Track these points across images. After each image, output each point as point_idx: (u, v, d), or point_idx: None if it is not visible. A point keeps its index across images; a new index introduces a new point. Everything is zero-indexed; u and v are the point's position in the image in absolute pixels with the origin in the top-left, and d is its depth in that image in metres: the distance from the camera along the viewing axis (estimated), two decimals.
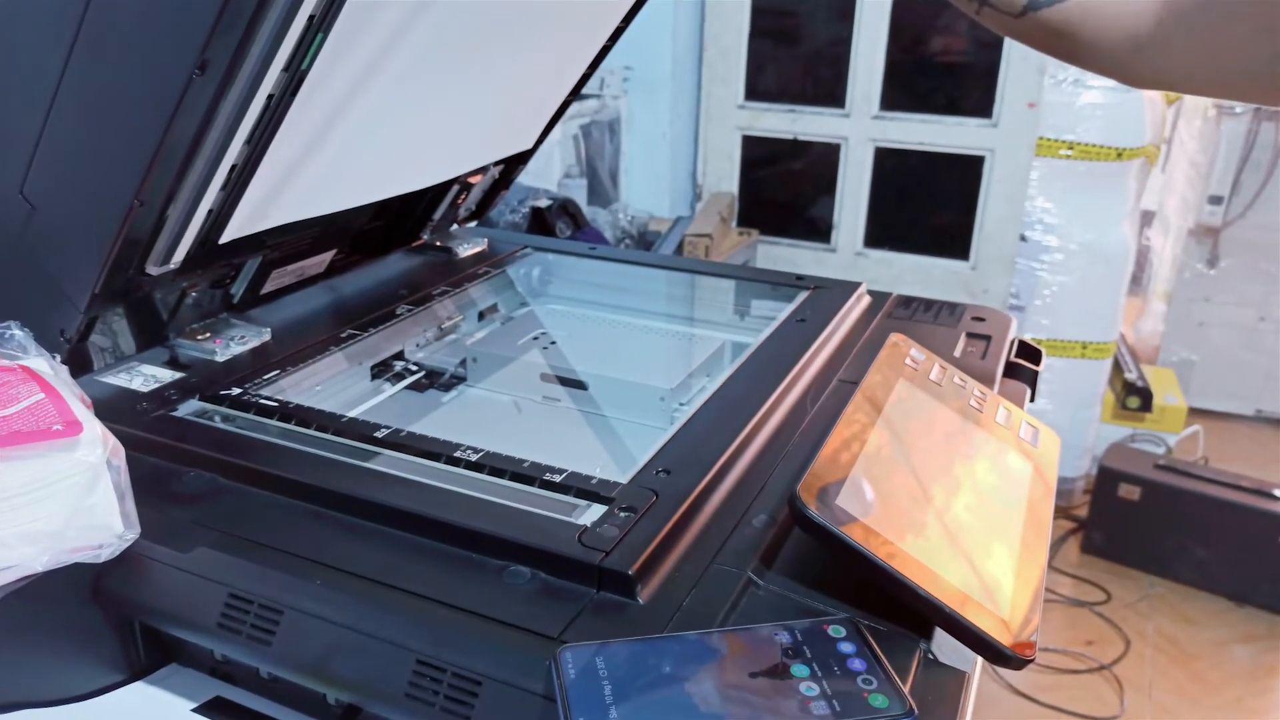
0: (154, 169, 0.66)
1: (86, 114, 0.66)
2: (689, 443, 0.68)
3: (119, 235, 0.68)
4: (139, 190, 0.66)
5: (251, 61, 0.64)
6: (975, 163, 2.58)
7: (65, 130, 0.67)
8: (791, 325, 0.91)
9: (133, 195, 0.66)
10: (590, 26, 0.99)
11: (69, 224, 0.70)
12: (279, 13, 0.62)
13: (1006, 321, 0.97)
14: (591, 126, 2.52)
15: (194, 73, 0.61)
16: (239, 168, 0.72)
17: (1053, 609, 2.43)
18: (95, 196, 0.68)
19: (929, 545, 0.56)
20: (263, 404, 0.74)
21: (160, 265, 0.75)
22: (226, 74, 0.63)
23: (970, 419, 0.72)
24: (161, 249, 0.74)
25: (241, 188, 0.73)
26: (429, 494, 0.62)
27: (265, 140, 0.70)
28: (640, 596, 0.54)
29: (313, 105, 0.71)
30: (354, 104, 0.76)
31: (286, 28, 0.63)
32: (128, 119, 0.65)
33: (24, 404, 0.58)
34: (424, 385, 0.93)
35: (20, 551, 0.54)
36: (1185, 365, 3.30)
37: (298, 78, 0.68)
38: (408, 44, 0.75)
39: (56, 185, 0.69)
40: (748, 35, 2.71)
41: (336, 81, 0.72)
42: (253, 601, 0.55)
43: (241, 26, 0.61)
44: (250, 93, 0.66)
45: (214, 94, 0.64)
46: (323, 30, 0.66)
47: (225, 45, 0.61)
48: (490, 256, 1.14)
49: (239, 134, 0.69)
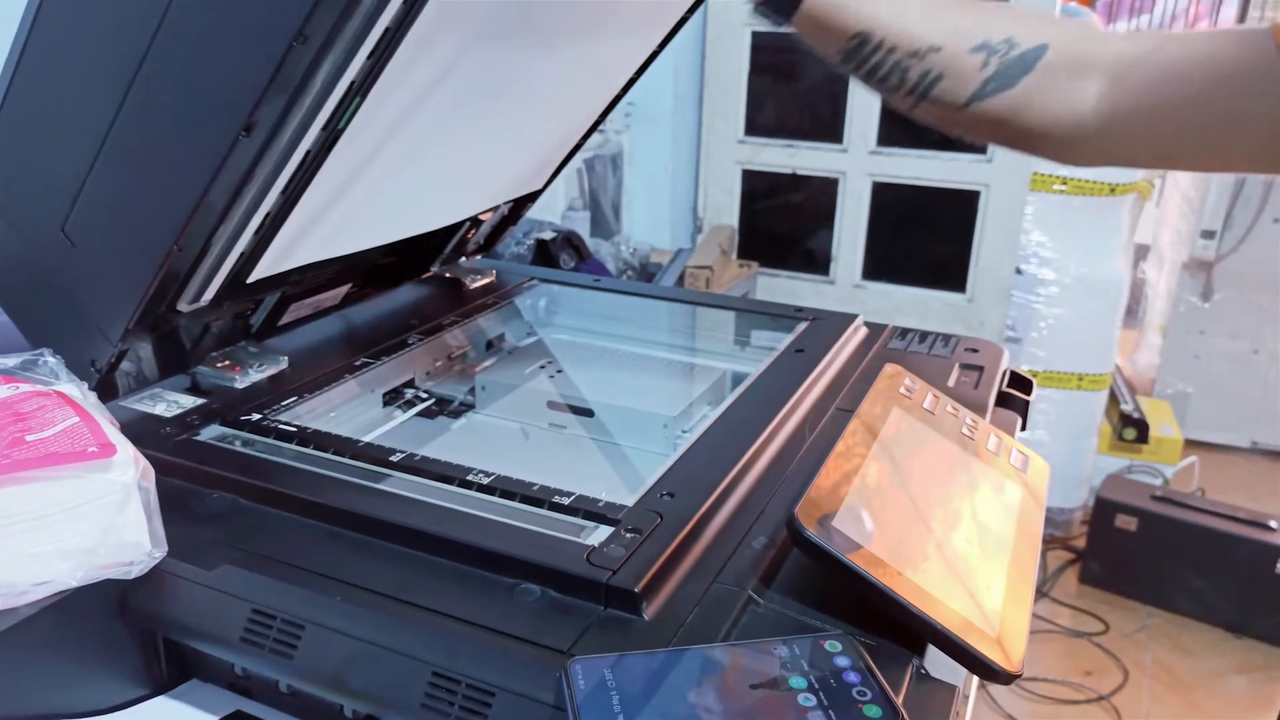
0: (194, 218, 0.69)
1: (133, 162, 0.70)
2: (692, 468, 0.71)
3: (156, 277, 0.71)
4: (178, 237, 0.69)
5: (293, 123, 0.68)
6: (971, 197, 2.63)
7: (111, 176, 0.70)
8: (790, 355, 0.94)
9: (172, 241, 0.70)
10: (606, 78, 1.03)
11: (107, 263, 0.74)
12: (323, 80, 0.66)
13: (999, 353, 1.00)
14: (595, 160, 2.57)
15: (240, 134, 0.65)
16: (271, 215, 0.75)
17: (1051, 639, 2.44)
18: (135, 240, 0.72)
19: (921, 565, 0.59)
20: (281, 429, 0.76)
21: (192, 303, 0.78)
22: (270, 135, 0.67)
23: (962, 446, 0.75)
24: (194, 289, 0.78)
25: (273, 233, 0.77)
26: (443, 515, 0.64)
27: (298, 191, 0.74)
28: (645, 613, 0.56)
29: (343, 157, 0.75)
30: (381, 154, 0.80)
31: (328, 93, 0.67)
32: (173, 171, 0.69)
33: (60, 427, 0.61)
34: (434, 412, 0.96)
35: (55, 567, 0.56)
36: (1181, 397, 3.33)
37: (333, 136, 0.72)
38: (435, 99, 0.78)
39: (97, 226, 0.73)
40: (747, 72, 2.76)
41: (367, 135, 0.75)
42: (275, 617, 0.58)
43: (289, 93, 0.65)
44: (290, 151, 0.70)
45: (256, 153, 0.67)
46: (361, 94, 0.70)
47: (272, 110, 0.65)
48: (498, 288, 1.17)
49: (275, 186, 0.72)
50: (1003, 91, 0.61)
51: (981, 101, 0.62)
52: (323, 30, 0.62)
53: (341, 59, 0.65)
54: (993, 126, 0.64)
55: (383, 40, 0.66)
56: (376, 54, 0.67)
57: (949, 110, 0.64)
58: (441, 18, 0.67)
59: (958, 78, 0.62)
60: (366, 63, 0.67)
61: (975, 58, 0.61)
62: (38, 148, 0.75)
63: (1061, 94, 0.61)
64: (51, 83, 0.72)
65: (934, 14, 0.62)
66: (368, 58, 0.67)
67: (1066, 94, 0.61)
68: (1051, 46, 0.61)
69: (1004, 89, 0.61)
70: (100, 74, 0.68)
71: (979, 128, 0.65)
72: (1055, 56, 0.61)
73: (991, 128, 0.64)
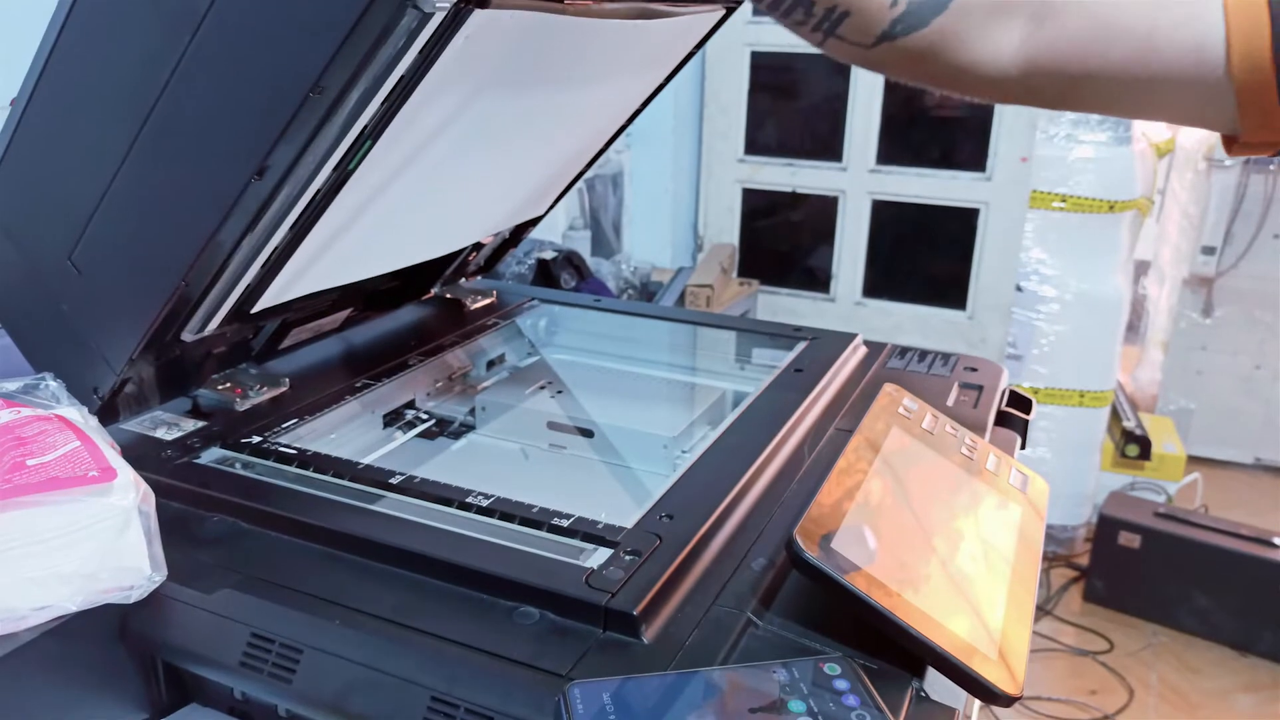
0: (203, 256, 0.70)
1: (144, 198, 0.70)
2: (691, 489, 0.71)
3: (162, 310, 0.72)
4: (186, 273, 0.70)
5: (306, 167, 0.68)
6: (970, 215, 2.64)
7: (121, 210, 0.71)
8: (790, 375, 0.94)
9: (180, 277, 0.70)
10: (611, 112, 1.04)
11: (113, 294, 0.74)
12: (338, 127, 0.66)
13: (998, 371, 1.00)
14: (596, 180, 2.59)
15: (253, 178, 0.66)
16: (278, 249, 0.76)
17: (1056, 658, 2.43)
18: (143, 274, 0.72)
19: (921, 587, 0.59)
20: (282, 451, 0.77)
21: (195, 333, 0.79)
22: (282, 178, 0.67)
23: (962, 466, 0.75)
24: (199, 320, 0.78)
25: (279, 266, 0.77)
26: (442, 538, 0.64)
27: (306, 228, 0.75)
28: (645, 636, 0.56)
29: (351, 194, 0.75)
30: (388, 189, 0.81)
31: (341, 138, 0.67)
32: (184, 209, 0.70)
33: (61, 451, 0.61)
34: (434, 433, 0.96)
35: (56, 592, 0.56)
36: (1183, 413, 3.32)
37: (344, 176, 0.72)
38: (443, 137, 0.79)
39: (105, 257, 0.73)
40: (747, 91, 2.78)
41: (375, 173, 0.76)
42: (274, 641, 0.58)
43: (303, 140, 0.65)
44: (300, 192, 0.70)
45: (268, 195, 0.68)
46: (373, 138, 0.70)
47: (285, 155, 0.65)
48: (498, 308, 1.17)
49: (284, 225, 0.73)
50: (914, 31, 0.58)
51: (891, 41, 0.59)
52: (339, 82, 0.63)
53: (355, 107, 0.66)
54: (907, 66, 0.61)
55: (396, 88, 0.66)
56: (389, 100, 0.67)
57: (858, 49, 0.60)
58: (455, 64, 0.68)
59: (865, 17, 0.58)
60: (380, 108, 0.67)
61: None
62: (49, 177, 0.75)
63: (979, 35, 0.58)
64: (67, 115, 0.72)
65: None
66: (381, 104, 0.67)
67: (985, 35, 0.59)
68: None
69: (915, 29, 0.58)
70: (116, 110, 0.69)
71: (893, 67, 0.61)
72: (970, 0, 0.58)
73: (906, 68, 0.61)
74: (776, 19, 0.60)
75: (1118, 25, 0.57)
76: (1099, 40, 0.57)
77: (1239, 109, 0.56)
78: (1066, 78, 0.59)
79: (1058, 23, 0.58)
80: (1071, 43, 0.58)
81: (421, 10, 0.61)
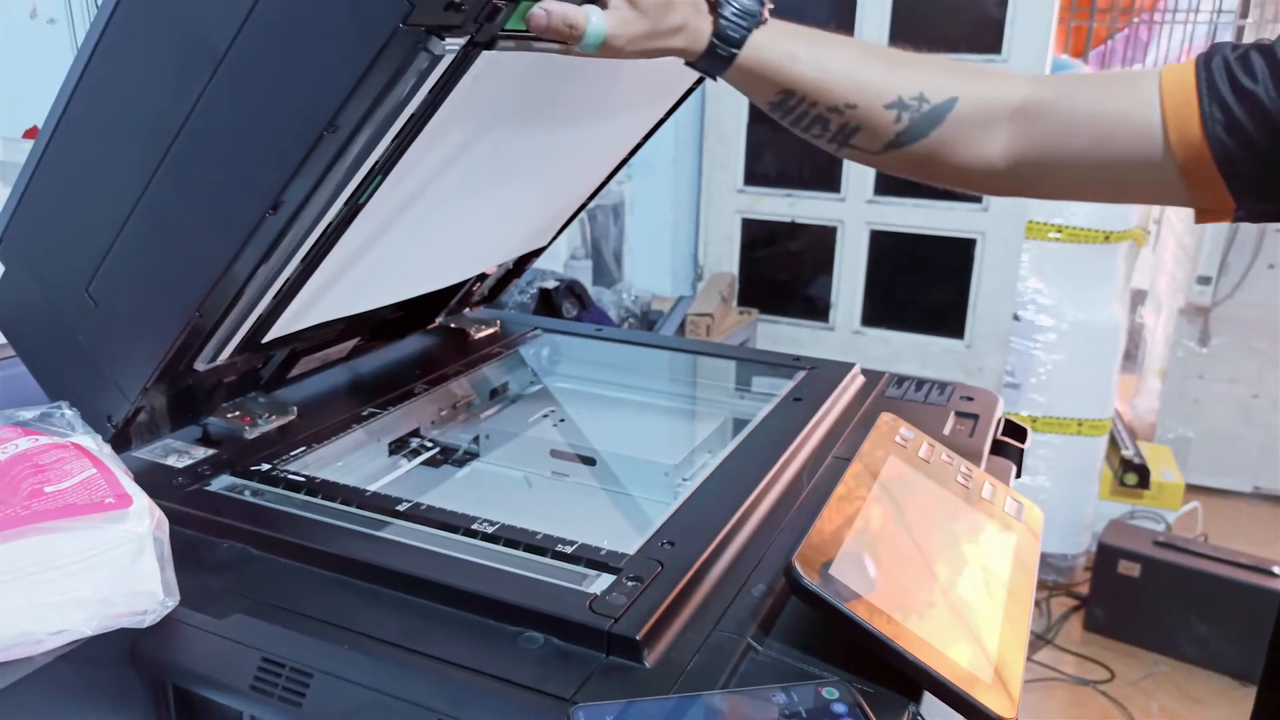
0: (218, 287, 0.72)
1: (160, 232, 0.73)
2: (692, 516, 0.73)
3: (176, 341, 0.74)
4: (200, 304, 0.72)
5: (319, 202, 0.71)
6: (967, 245, 2.66)
7: (137, 243, 0.73)
8: (789, 404, 0.96)
9: (195, 308, 0.72)
10: (613, 146, 1.06)
11: (129, 325, 0.76)
12: (350, 163, 0.69)
13: (994, 401, 1.02)
14: (597, 210, 2.62)
15: (268, 212, 0.68)
16: (288, 285, 0.78)
17: (1057, 688, 2.42)
18: (158, 305, 0.75)
19: (917, 613, 0.60)
20: (291, 479, 0.78)
21: (208, 363, 0.81)
22: (295, 212, 0.69)
23: (957, 494, 0.76)
24: (211, 350, 0.80)
25: (290, 297, 0.79)
26: (448, 564, 0.66)
27: (317, 260, 0.77)
28: (647, 660, 0.58)
29: (361, 227, 0.78)
30: (396, 223, 0.83)
31: (354, 173, 0.70)
32: (199, 243, 0.72)
33: (78, 478, 0.62)
34: (439, 461, 0.98)
35: (72, 616, 0.58)
36: (1182, 442, 3.33)
37: (354, 210, 0.74)
38: (450, 171, 0.82)
39: (121, 289, 0.75)
40: (746, 123, 2.82)
41: (384, 207, 0.78)
42: (284, 665, 0.59)
43: (317, 174, 0.67)
44: (312, 225, 0.72)
45: (281, 229, 0.70)
46: (383, 173, 0.73)
47: (299, 190, 0.68)
48: (502, 338, 1.19)
49: (296, 257, 0.75)
50: (916, 142, 0.67)
51: (898, 149, 0.68)
52: (352, 121, 0.65)
53: (367, 145, 0.68)
54: (911, 168, 0.70)
55: (407, 125, 0.69)
56: (400, 138, 0.69)
57: (868, 154, 0.70)
58: (461, 103, 0.71)
59: (874, 131, 0.68)
60: (390, 144, 0.70)
61: (889, 114, 0.67)
62: (69, 211, 0.78)
63: (970, 142, 0.67)
64: (87, 151, 0.75)
65: (853, 71, 0.68)
66: (392, 141, 0.69)
67: (975, 142, 0.67)
68: (961, 99, 0.67)
69: (917, 140, 0.67)
70: (135, 146, 0.71)
71: (898, 169, 0.71)
72: (964, 109, 0.67)
73: (910, 169, 0.70)
74: (795, 131, 0.70)
75: (1076, 121, 0.65)
76: (1063, 135, 0.66)
77: (1185, 183, 0.63)
78: (1043, 170, 0.68)
79: (1031, 124, 0.67)
80: (1043, 140, 0.66)
81: (433, 53, 0.63)
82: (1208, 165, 0.62)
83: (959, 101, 0.67)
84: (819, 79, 0.67)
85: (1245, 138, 0.61)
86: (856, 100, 0.67)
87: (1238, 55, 0.62)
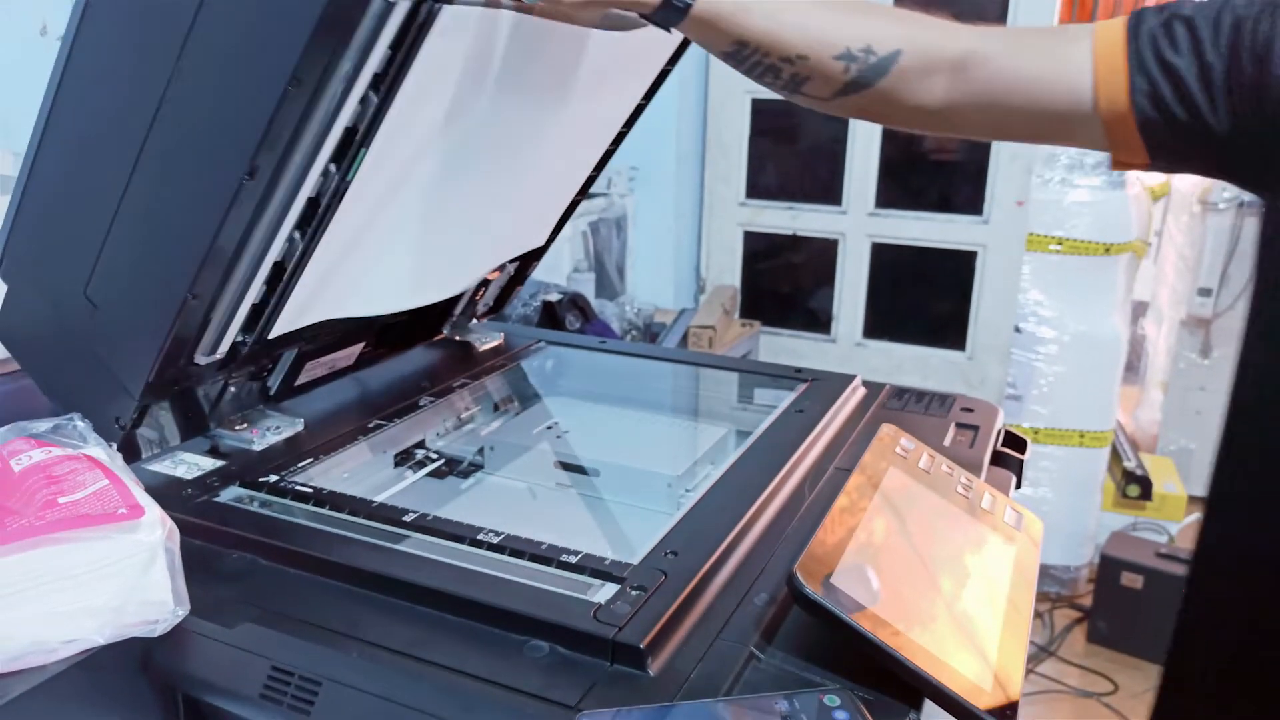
0: (206, 265, 0.73)
1: (147, 217, 0.74)
2: (695, 526, 0.73)
3: (173, 327, 0.75)
4: (192, 285, 0.73)
5: (293, 166, 0.73)
6: (968, 257, 2.67)
7: (127, 234, 0.75)
8: (790, 415, 0.97)
9: (186, 290, 0.73)
10: (596, 132, 1.08)
11: (127, 320, 0.77)
12: (319, 123, 0.71)
13: (994, 412, 1.03)
14: (600, 223, 2.63)
15: (244, 178, 0.69)
16: (288, 270, 0.79)
17: (1060, 700, 2.42)
18: (152, 293, 0.76)
19: (918, 622, 0.61)
20: (298, 490, 0.79)
21: (208, 355, 0.82)
22: (272, 178, 0.71)
23: (957, 505, 0.77)
24: (209, 340, 0.81)
25: (289, 287, 0.80)
26: (455, 573, 0.67)
27: (312, 244, 0.78)
28: (651, 669, 0.58)
29: (351, 210, 0.79)
30: (387, 210, 0.84)
31: (326, 135, 0.72)
32: (184, 220, 0.73)
33: (91, 489, 0.64)
34: (444, 472, 0.99)
35: (84, 625, 0.59)
36: (1184, 453, 3.33)
37: (342, 187, 0.76)
38: (435, 155, 0.83)
39: (117, 285, 0.77)
40: (748, 136, 2.83)
41: (372, 189, 0.80)
42: (293, 674, 0.60)
43: (287, 134, 0.69)
44: (292, 194, 0.74)
45: (261, 196, 0.72)
46: (365, 145, 0.74)
47: (272, 153, 0.70)
48: (506, 350, 1.20)
49: (281, 233, 0.76)
50: (862, 90, 0.72)
51: (844, 96, 0.73)
52: (315, 73, 0.67)
53: (335, 102, 0.71)
54: (856, 112, 0.76)
55: (381, 88, 0.71)
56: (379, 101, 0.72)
57: (818, 100, 0.75)
58: (434, 68, 0.72)
59: (823, 80, 0.72)
60: (360, 108, 0.72)
61: (838, 64, 0.71)
62: (61, 219, 0.79)
63: (912, 90, 0.72)
64: (72, 158, 0.77)
65: (804, 23, 0.71)
66: (360, 102, 0.72)
67: (916, 90, 0.72)
68: (904, 52, 0.71)
69: (863, 88, 0.72)
70: (116, 141, 0.73)
71: (845, 112, 0.76)
72: (907, 60, 0.71)
73: (855, 113, 0.76)
74: (752, 78, 0.73)
75: (1013, 78, 0.71)
76: (999, 90, 0.71)
77: (1109, 139, 0.70)
78: (977, 117, 0.74)
79: (970, 75, 0.72)
80: (980, 92, 0.72)
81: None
82: (1131, 129, 0.68)
83: (903, 54, 0.71)
84: (771, 30, 0.70)
85: (1166, 109, 0.67)
86: (807, 52, 0.71)
87: (1162, 23, 0.67)
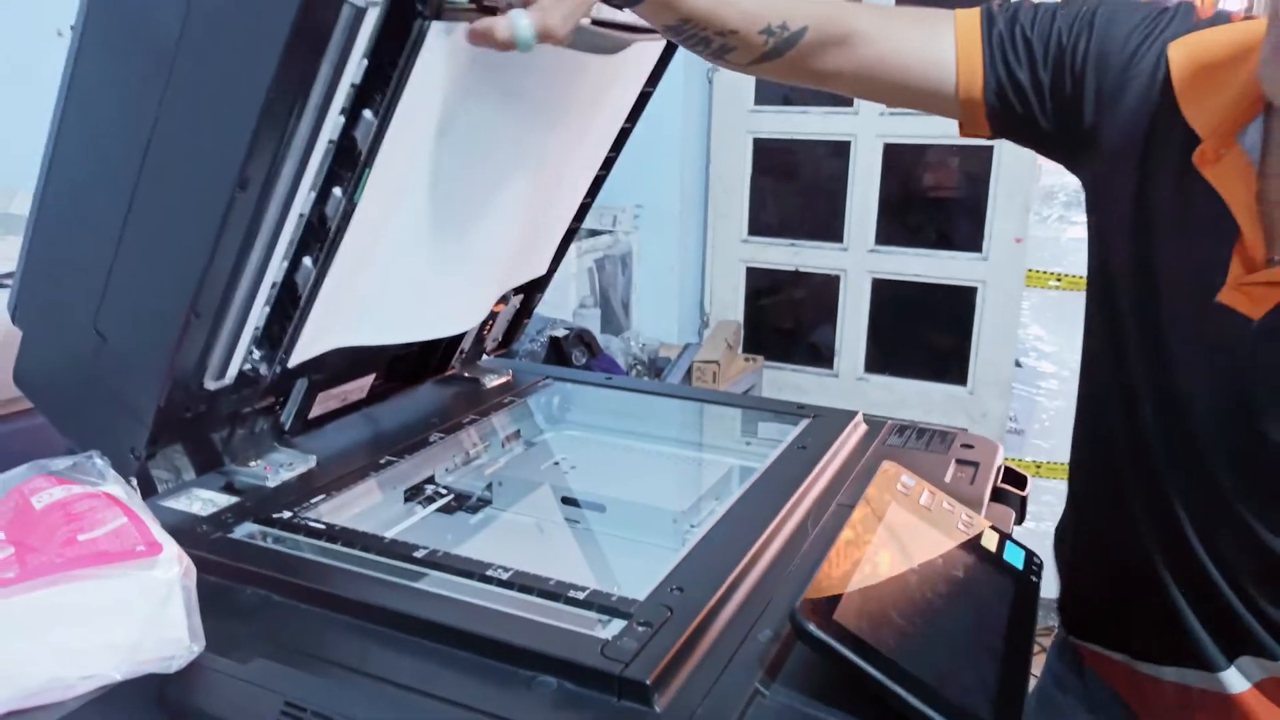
0: (207, 281, 0.75)
1: (148, 243, 0.76)
2: (700, 562, 0.75)
3: (178, 347, 0.76)
4: (194, 302, 0.75)
5: (285, 179, 0.75)
6: (968, 293, 2.70)
7: (130, 261, 0.77)
8: (794, 451, 0.98)
9: (188, 308, 0.75)
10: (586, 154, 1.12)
11: (135, 346, 0.79)
12: (305, 133, 0.74)
13: (994, 449, 1.04)
14: (605, 260, 2.66)
15: (236, 190, 0.71)
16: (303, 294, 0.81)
17: None
18: (156, 315, 0.78)
19: (920, 658, 0.62)
20: (311, 526, 0.80)
21: (217, 379, 0.83)
22: (264, 190, 0.73)
23: (958, 541, 0.78)
24: (217, 363, 0.83)
25: (306, 313, 0.83)
26: (464, 609, 0.68)
27: (325, 268, 0.80)
28: (657, 705, 0.59)
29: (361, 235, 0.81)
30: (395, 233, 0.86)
31: (311, 147, 0.75)
32: (183, 239, 0.75)
33: (110, 526, 0.65)
34: (453, 508, 1.00)
35: (102, 662, 0.60)
36: None
37: (350, 210, 0.78)
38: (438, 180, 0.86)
39: (123, 313, 0.79)
40: (750, 174, 2.88)
41: (379, 212, 0.82)
42: (305, 709, 0.61)
43: (274, 144, 0.72)
44: (285, 209, 0.76)
45: (254, 210, 0.74)
46: (369, 166, 0.77)
47: (261, 162, 0.72)
48: (514, 386, 1.22)
49: (279, 249, 0.79)
50: (774, 59, 0.85)
51: (759, 63, 0.86)
52: (294, 81, 0.70)
53: (318, 112, 0.73)
54: (765, 74, 0.88)
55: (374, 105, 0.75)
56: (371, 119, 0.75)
57: (739, 66, 0.87)
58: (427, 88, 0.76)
59: (745, 50, 0.84)
60: (358, 126, 0.75)
61: (760, 38, 0.84)
62: (68, 257, 0.81)
63: (812, 60, 0.86)
64: (74, 195, 0.79)
65: (738, 2, 0.82)
66: (357, 119, 0.76)
67: (815, 60, 0.86)
68: (810, 28, 0.84)
69: (776, 58, 0.85)
70: (114, 167, 0.75)
71: (756, 73, 0.88)
72: (810, 35, 0.84)
73: (764, 74, 0.88)
74: (685, 47, 0.86)
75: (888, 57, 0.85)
76: (875, 65, 0.86)
77: (963, 115, 0.86)
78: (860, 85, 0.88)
79: (855, 52, 0.85)
80: (860, 65, 0.86)
81: (354, 5, 0.67)
82: (981, 113, 0.84)
83: (808, 30, 0.84)
84: (711, 9, 0.81)
85: (1009, 105, 0.83)
86: (737, 27, 0.82)
87: (1008, 25, 0.82)
